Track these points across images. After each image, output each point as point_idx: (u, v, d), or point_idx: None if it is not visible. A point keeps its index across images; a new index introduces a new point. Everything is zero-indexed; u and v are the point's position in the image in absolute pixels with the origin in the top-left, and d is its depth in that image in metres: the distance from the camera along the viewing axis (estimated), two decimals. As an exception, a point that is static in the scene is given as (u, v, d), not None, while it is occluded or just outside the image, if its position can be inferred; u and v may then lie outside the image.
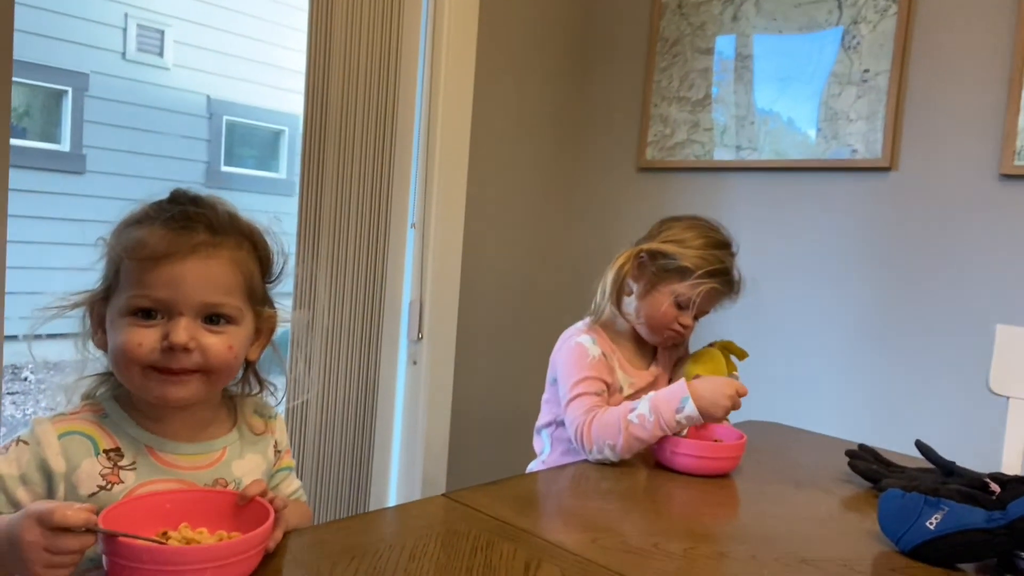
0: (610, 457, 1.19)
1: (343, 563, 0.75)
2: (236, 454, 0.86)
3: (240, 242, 0.82)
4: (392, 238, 1.96)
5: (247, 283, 0.82)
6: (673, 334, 1.34)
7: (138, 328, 0.76)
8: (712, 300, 1.33)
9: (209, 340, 0.78)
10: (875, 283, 1.85)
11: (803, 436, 1.49)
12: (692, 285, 1.29)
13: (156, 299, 0.76)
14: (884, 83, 1.84)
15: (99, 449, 0.78)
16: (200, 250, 0.78)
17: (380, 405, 1.99)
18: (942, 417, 1.71)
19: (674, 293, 1.31)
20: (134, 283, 0.76)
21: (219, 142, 7.20)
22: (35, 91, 5.99)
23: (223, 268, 0.79)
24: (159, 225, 0.77)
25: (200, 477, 0.82)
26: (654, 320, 1.33)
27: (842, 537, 0.95)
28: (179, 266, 0.76)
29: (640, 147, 2.28)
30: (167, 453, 0.81)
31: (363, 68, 1.84)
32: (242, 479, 0.85)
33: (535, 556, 0.81)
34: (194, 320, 0.77)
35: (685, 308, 1.31)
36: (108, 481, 0.77)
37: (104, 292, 0.80)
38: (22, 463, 0.75)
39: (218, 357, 0.78)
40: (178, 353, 0.76)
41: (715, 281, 1.30)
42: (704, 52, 2.15)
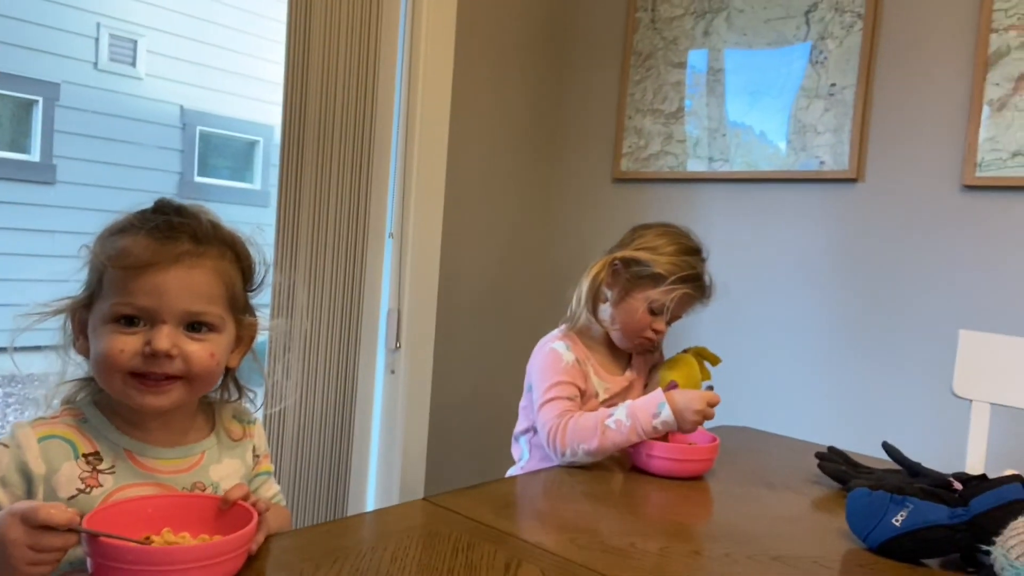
0: (582, 460, 1.22)
1: (325, 565, 0.76)
2: (214, 458, 0.87)
3: (223, 252, 0.84)
4: (370, 247, 1.97)
5: (229, 292, 0.84)
6: (645, 340, 1.37)
7: (121, 335, 0.77)
8: (685, 305, 1.36)
9: (191, 348, 0.79)
10: (843, 291, 1.90)
11: (774, 439, 1.52)
12: (665, 291, 1.32)
13: (139, 307, 0.77)
14: (851, 97, 1.89)
15: (78, 453, 0.79)
16: (183, 259, 0.79)
17: (358, 414, 2.00)
18: (908, 420, 1.76)
19: (648, 299, 1.34)
20: (118, 291, 0.78)
21: (193, 153, 7.16)
22: (4, 101, 5.92)
23: (206, 277, 0.81)
24: (143, 235, 0.79)
25: (179, 481, 0.83)
26: (628, 326, 1.36)
27: (812, 535, 0.98)
28: (162, 275, 0.77)
29: (615, 158, 2.31)
30: (146, 457, 0.82)
31: (341, 79, 1.85)
32: (220, 483, 0.86)
33: (515, 556, 0.82)
34: (176, 328, 0.78)
35: (659, 314, 1.34)
36: (87, 484, 0.77)
37: (87, 299, 0.81)
38: (2, 466, 0.76)
39: (200, 364, 0.80)
40: (160, 359, 0.77)
41: (687, 287, 1.33)
42: (677, 66, 2.20)
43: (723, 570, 0.84)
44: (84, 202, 5.98)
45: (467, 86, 2.15)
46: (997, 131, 1.69)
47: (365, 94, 1.91)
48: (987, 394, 1.41)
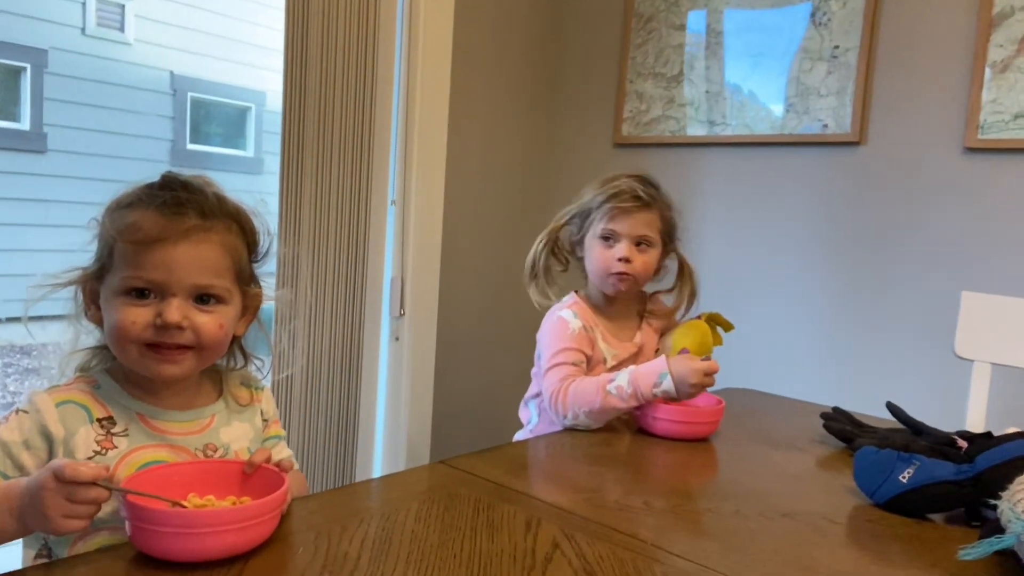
0: (583, 423, 1.25)
1: (352, 525, 0.78)
2: (224, 421, 0.90)
3: (229, 225, 0.86)
4: (373, 215, 1.97)
5: (236, 264, 0.86)
6: (619, 275, 1.35)
7: (132, 307, 0.80)
8: (627, 217, 1.35)
9: (201, 319, 0.82)
10: (846, 253, 1.92)
11: (778, 401, 1.55)
12: (599, 218, 1.36)
13: (150, 280, 0.80)
14: (853, 59, 1.89)
15: (93, 417, 0.82)
16: (192, 234, 0.81)
17: (363, 381, 2.02)
18: (910, 380, 1.79)
19: (594, 235, 1.37)
20: (128, 264, 0.80)
21: (184, 119, 7.07)
22: (-8, 68, 5.82)
23: (213, 251, 0.83)
24: (152, 210, 0.81)
25: (190, 442, 0.86)
26: (596, 270, 1.38)
27: (820, 492, 1.01)
28: (171, 250, 0.80)
29: (616, 123, 2.31)
30: (158, 420, 0.85)
31: (341, 45, 1.84)
32: (230, 445, 0.89)
33: (534, 515, 0.84)
34: (186, 300, 0.81)
35: (610, 239, 1.36)
36: (102, 447, 0.81)
37: (98, 270, 0.84)
38: (24, 430, 0.79)
39: (209, 335, 0.83)
40: (171, 331, 0.80)
41: (616, 201, 1.35)
42: (678, 28, 2.18)
43: (736, 526, 0.86)
44: (76, 171, 5.93)
45: (468, 51, 2.13)
46: (999, 93, 1.69)
47: (365, 61, 1.89)
48: (988, 354, 1.44)
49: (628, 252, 1.34)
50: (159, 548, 0.67)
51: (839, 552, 0.82)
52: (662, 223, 1.38)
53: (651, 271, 1.39)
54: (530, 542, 0.77)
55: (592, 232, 1.38)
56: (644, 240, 1.36)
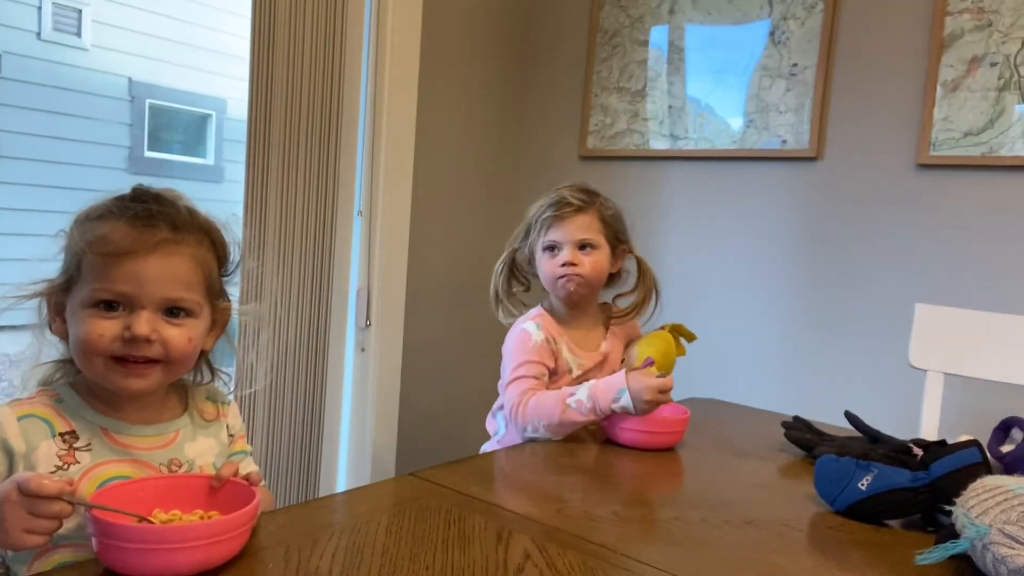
0: (542, 435, 1.27)
1: (323, 539, 0.78)
2: (189, 436, 0.89)
3: (200, 239, 0.85)
4: (339, 225, 1.96)
5: (206, 278, 0.86)
6: (567, 278, 1.38)
7: (100, 320, 0.79)
8: (564, 224, 1.38)
9: (170, 332, 0.81)
10: (803, 266, 1.97)
11: (740, 410, 1.58)
12: (539, 232, 1.40)
13: (119, 292, 0.79)
14: (811, 77, 1.94)
15: (55, 431, 0.80)
16: (162, 247, 0.81)
17: (328, 392, 2.00)
18: (866, 390, 1.84)
19: (540, 249, 1.41)
20: (97, 277, 0.79)
21: (142, 126, 6.95)
22: (-59, 71, 5.66)
23: (184, 265, 0.83)
24: (123, 222, 0.80)
25: (155, 457, 0.84)
26: (547, 279, 1.41)
27: (782, 500, 1.03)
28: (141, 262, 0.79)
29: (582, 136, 2.33)
30: (121, 435, 0.83)
31: (308, 54, 1.83)
32: (195, 460, 0.88)
33: (505, 526, 0.85)
34: (155, 313, 0.80)
35: (554, 248, 1.39)
36: (64, 462, 0.79)
37: (65, 283, 0.82)
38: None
39: (178, 349, 0.82)
40: (140, 344, 0.79)
41: (550, 211, 1.39)
42: (642, 44, 2.22)
43: (703, 534, 0.88)
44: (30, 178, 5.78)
45: (434, 63, 2.14)
46: (950, 111, 1.75)
47: (332, 70, 1.89)
48: (941, 364, 1.49)
49: (571, 256, 1.37)
50: (128, 565, 0.66)
51: (802, 558, 0.84)
52: (602, 224, 1.40)
53: (601, 271, 1.40)
54: (502, 553, 0.78)
55: (538, 247, 1.41)
56: (586, 243, 1.39)
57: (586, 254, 1.38)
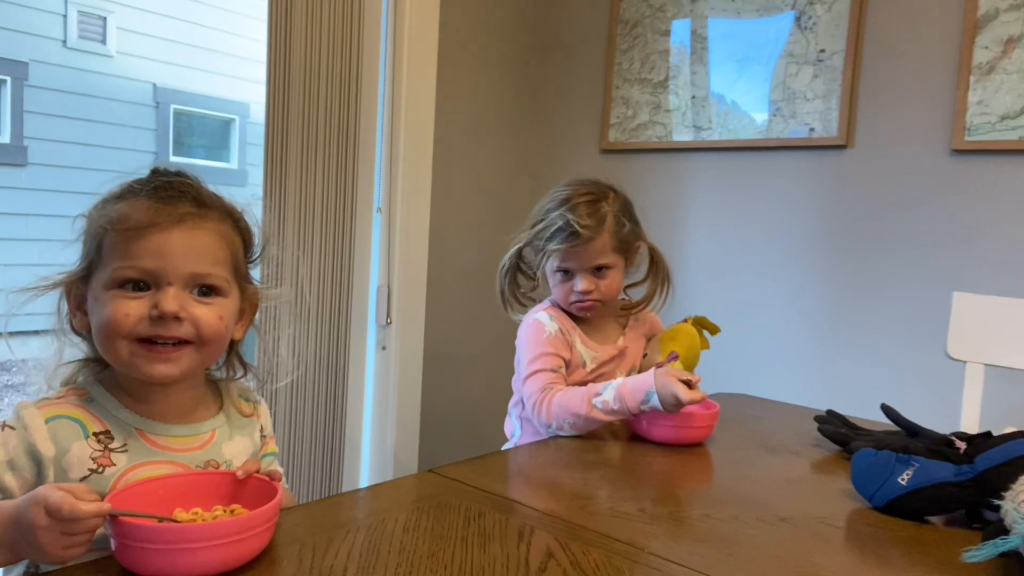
0: (568, 432, 1.23)
1: (338, 537, 0.75)
2: (225, 436, 0.86)
3: (224, 217, 0.82)
4: (358, 223, 1.94)
5: (233, 256, 0.82)
6: (580, 304, 1.34)
7: (125, 299, 0.75)
8: (576, 254, 1.31)
9: (199, 311, 0.77)
10: (835, 257, 1.91)
11: (770, 405, 1.53)
12: (545, 257, 1.34)
13: (143, 269, 0.75)
14: (839, 62, 1.89)
15: (88, 432, 0.76)
16: (187, 220, 0.77)
17: (350, 390, 1.98)
18: (901, 383, 1.78)
19: (550, 270, 1.35)
20: (120, 255, 0.75)
21: (167, 132, 7.00)
22: (-30, 81, 5.75)
23: (210, 239, 0.79)
24: (144, 196, 0.77)
25: (192, 459, 0.81)
26: (560, 299, 1.37)
27: (817, 496, 0.99)
28: (165, 236, 0.75)
29: (602, 129, 2.30)
30: (158, 435, 0.80)
31: (325, 53, 1.81)
32: (232, 461, 0.85)
33: (527, 524, 0.82)
34: (183, 290, 0.76)
35: (567, 274, 1.34)
36: (99, 464, 0.75)
37: (85, 270, 0.79)
38: (9, 448, 0.73)
39: (209, 327, 0.77)
40: (169, 322, 0.75)
41: (556, 242, 1.31)
42: (664, 34, 2.18)
43: (734, 531, 0.84)
44: (57, 184, 5.85)
45: (453, 58, 2.12)
46: (985, 95, 1.69)
47: (350, 67, 1.87)
48: (981, 355, 1.43)
49: (587, 285, 1.32)
50: (150, 565, 0.64)
51: (839, 557, 0.80)
52: (615, 241, 1.32)
53: (617, 288, 1.37)
54: (523, 551, 0.75)
55: (548, 267, 1.35)
56: (600, 267, 1.33)
57: (601, 277, 1.33)
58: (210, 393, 0.88)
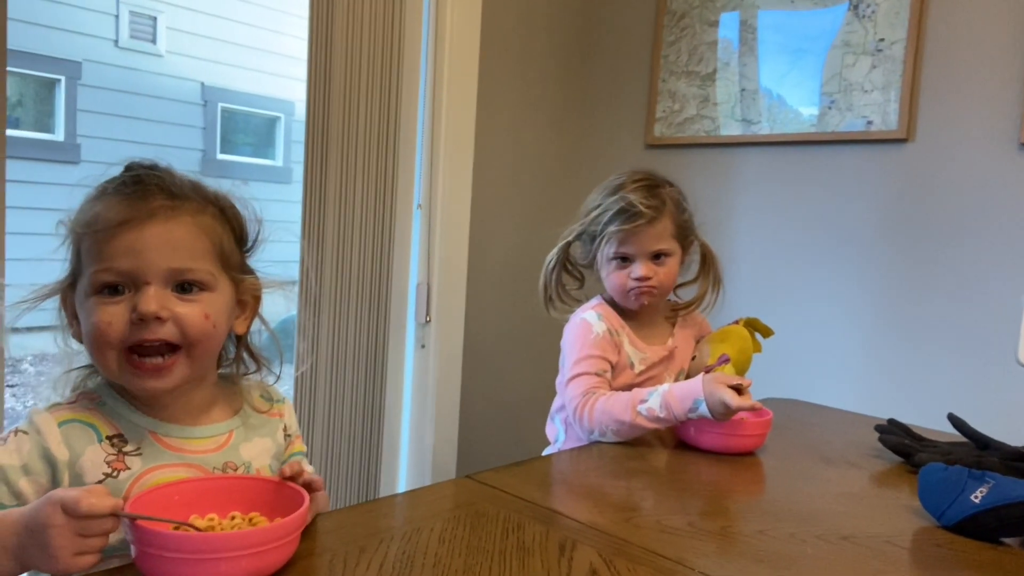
0: (611, 439, 1.19)
1: (371, 547, 0.72)
2: (243, 437, 0.83)
3: (203, 206, 0.78)
4: (398, 219, 1.92)
5: (216, 247, 0.78)
6: (637, 292, 1.29)
7: (105, 306, 0.72)
8: (636, 237, 1.26)
9: (182, 309, 0.73)
10: (895, 255, 1.82)
11: (826, 412, 1.46)
12: (602, 242, 1.28)
13: (119, 271, 0.72)
14: (900, 52, 1.80)
15: (102, 436, 0.74)
16: (158, 213, 0.73)
17: (388, 389, 1.96)
18: (966, 391, 1.68)
19: (606, 258, 1.30)
20: (95, 258, 0.73)
21: (214, 130, 7.12)
22: (28, 80, 5.91)
23: (186, 231, 0.75)
24: (115, 196, 0.74)
25: (208, 461, 0.79)
26: (614, 289, 1.32)
27: (880, 513, 0.92)
28: (137, 232, 0.72)
29: (648, 124, 2.23)
30: (171, 437, 0.77)
31: (366, 48, 1.79)
32: (251, 463, 0.82)
33: (569, 537, 0.77)
34: (163, 288, 0.73)
35: (624, 261, 1.28)
36: (114, 468, 0.73)
37: (71, 278, 0.76)
38: (23, 453, 0.71)
39: (194, 327, 0.74)
40: (151, 324, 0.71)
41: (616, 224, 1.26)
42: (712, 25, 2.10)
43: (791, 550, 0.78)
44: (109, 182, 5.98)
45: (494, 53, 2.08)
46: (1060, 85, 1.59)
47: (391, 63, 1.85)
48: (1056, 362, 1.34)
49: (645, 271, 1.27)
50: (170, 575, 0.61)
51: (909, 581, 0.74)
52: (675, 227, 1.29)
53: (674, 277, 1.32)
54: (564, 567, 0.70)
55: (603, 254, 1.30)
56: (660, 253, 1.28)
57: (660, 264, 1.28)
58: (226, 393, 0.85)
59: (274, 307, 0.88)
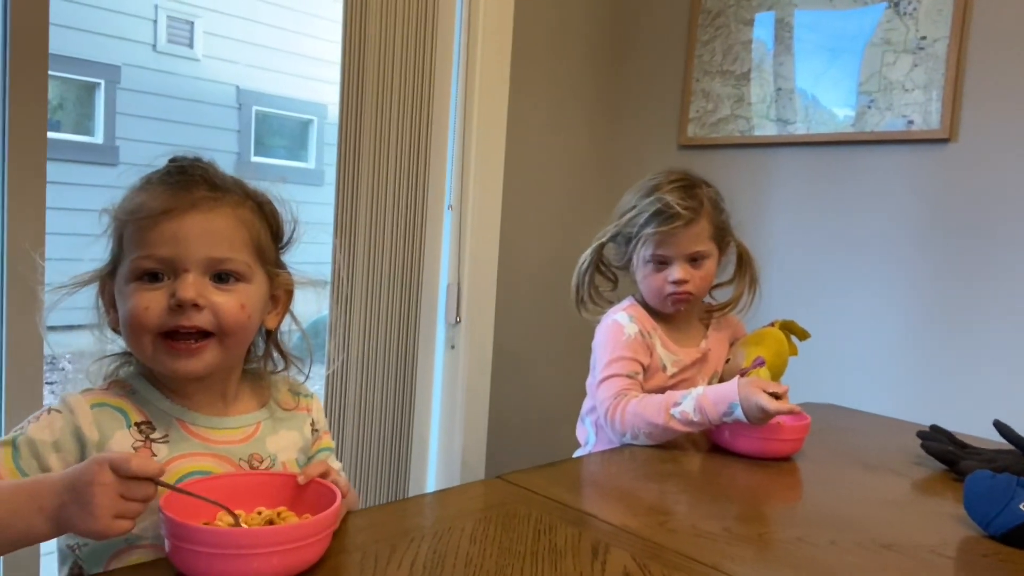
0: (643, 442, 1.17)
1: (402, 546, 0.71)
2: (270, 430, 0.84)
3: (242, 200, 0.80)
4: (429, 219, 1.92)
5: (254, 240, 0.79)
6: (675, 296, 1.27)
7: (144, 292, 0.74)
8: (674, 239, 1.25)
9: (219, 298, 0.75)
10: (935, 257, 1.77)
11: (864, 417, 1.43)
12: (639, 244, 1.26)
13: (160, 258, 0.74)
14: (943, 50, 1.75)
15: (130, 422, 0.76)
16: (200, 204, 0.75)
17: (418, 390, 1.96)
18: (1013, 396, 1.63)
19: (642, 260, 1.28)
20: (136, 245, 0.75)
21: (249, 132, 7.21)
22: (69, 84, 6.04)
23: (226, 222, 0.77)
24: (158, 185, 0.76)
25: (234, 452, 0.79)
26: (651, 292, 1.30)
27: (923, 521, 0.90)
28: (179, 221, 0.74)
29: (681, 124, 2.21)
30: (198, 426, 0.79)
31: (399, 50, 1.79)
32: (277, 455, 0.82)
33: (601, 540, 0.76)
34: (201, 277, 0.75)
35: (661, 263, 1.26)
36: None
37: (111, 266, 0.78)
38: (55, 430, 0.73)
39: (230, 315, 0.75)
40: (188, 311, 0.73)
41: (653, 225, 1.24)
42: (748, 23, 2.07)
43: (832, 559, 0.76)
44: (145, 183, 6.08)
45: (526, 52, 2.07)
46: (1112, 82, 1.54)
47: (423, 65, 1.85)
48: (1107, 369, 1.29)
49: (683, 274, 1.25)
50: (202, 570, 0.61)
51: (955, 592, 0.71)
52: (713, 228, 1.27)
53: (711, 279, 1.30)
54: (597, 570, 0.69)
55: (639, 257, 1.28)
56: (697, 255, 1.26)
57: (697, 267, 1.26)
58: (254, 386, 0.86)
59: (306, 307, 0.89)
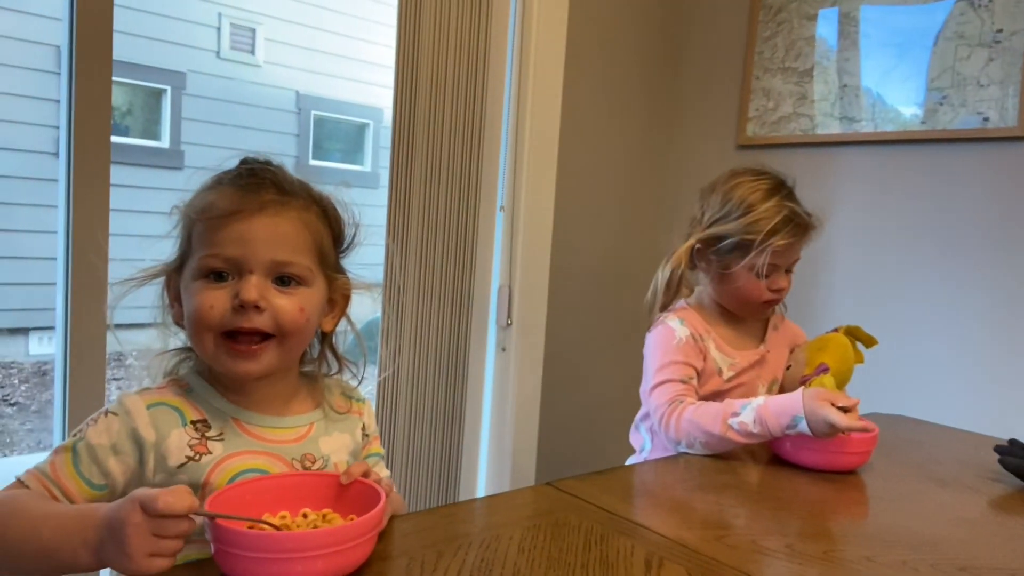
0: (698, 451, 1.13)
1: (449, 552, 0.70)
2: (323, 431, 0.84)
3: (308, 204, 0.81)
4: (481, 221, 1.91)
5: (317, 245, 0.81)
6: (769, 303, 1.25)
7: (210, 290, 0.75)
8: (790, 251, 1.22)
9: (280, 301, 0.76)
10: (1010, 261, 1.68)
11: (935, 430, 1.36)
12: (759, 253, 1.19)
13: (226, 258, 0.75)
14: (1021, 44, 1.66)
15: (186, 420, 0.77)
16: (268, 207, 0.77)
17: (469, 392, 1.95)
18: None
19: (748, 267, 1.21)
20: (205, 243, 0.76)
21: (307, 137, 7.36)
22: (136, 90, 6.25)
23: (292, 226, 0.78)
24: (228, 186, 0.77)
25: (288, 451, 0.80)
26: (744, 300, 1.25)
27: (1003, 542, 0.84)
28: (247, 223, 0.75)
29: (740, 123, 2.15)
30: (253, 425, 0.79)
31: (452, 48, 1.79)
32: (330, 456, 0.83)
33: (655, 553, 0.73)
34: (264, 279, 0.76)
35: (768, 274, 1.21)
36: (196, 452, 0.75)
37: (179, 261, 0.80)
38: (112, 433, 0.74)
39: (289, 318, 0.76)
40: (249, 312, 0.74)
41: (781, 235, 1.18)
42: (811, 19, 2.01)
43: (903, 581, 0.72)
44: (209, 187, 6.26)
45: (581, 51, 2.04)
46: None
47: (476, 67, 1.84)
48: None
49: (787, 282, 1.24)
50: (246, 573, 0.61)
51: (1042, 622, 0.66)
52: None
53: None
54: (651, 586, 0.66)
55: (743, 264, 1.21)
56: (796, 262, 1.25)
57: (790, 273, 1.25)
58: (305, 388, 0.86)
59: (359, 309, 0.90)
